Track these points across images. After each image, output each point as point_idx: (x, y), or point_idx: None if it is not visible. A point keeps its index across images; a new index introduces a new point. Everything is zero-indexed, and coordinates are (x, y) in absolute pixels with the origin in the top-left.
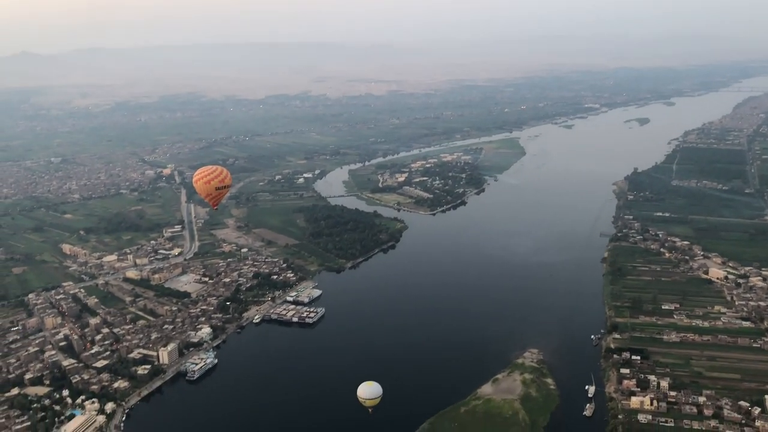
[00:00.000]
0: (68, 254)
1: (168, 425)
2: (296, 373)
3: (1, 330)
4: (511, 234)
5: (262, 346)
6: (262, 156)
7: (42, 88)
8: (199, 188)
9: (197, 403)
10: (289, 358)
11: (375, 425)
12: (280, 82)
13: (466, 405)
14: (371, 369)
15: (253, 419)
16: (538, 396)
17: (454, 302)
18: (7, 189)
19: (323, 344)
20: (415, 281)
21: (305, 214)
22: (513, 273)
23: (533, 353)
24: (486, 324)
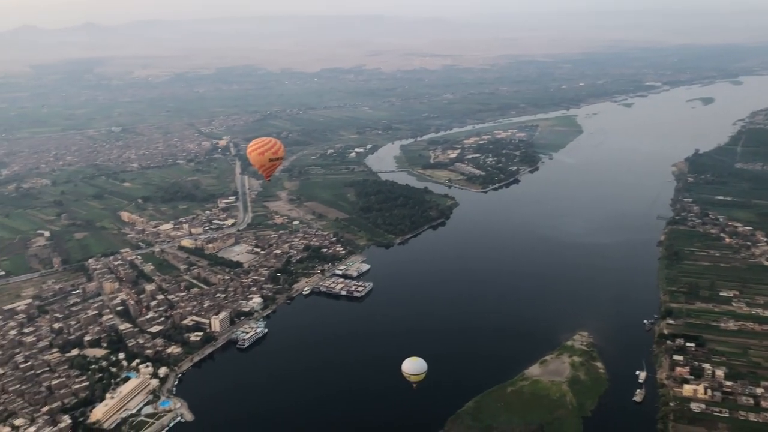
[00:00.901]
0: (127, 222)
1: (218, 391)
2: (343, 345)
3: (63, 293)
4: (564, 214)
5: (310, 318)
6: (315, 129)
7: (104, 59)
8: (252, 159)
9: (247, 370)
10: (336, 330)
11: (419, 401)
12: (335, 55)
13: (513, 385)
14: (417, 345)
15: (300, 388)
16: (586, 379)
17: (503, 281)
18: (71, 157)
19: (370, 318)
20: (464, 259)
21: (356, 188)
22: (565, 254)
23: (583, 336)
24: (535, 304)
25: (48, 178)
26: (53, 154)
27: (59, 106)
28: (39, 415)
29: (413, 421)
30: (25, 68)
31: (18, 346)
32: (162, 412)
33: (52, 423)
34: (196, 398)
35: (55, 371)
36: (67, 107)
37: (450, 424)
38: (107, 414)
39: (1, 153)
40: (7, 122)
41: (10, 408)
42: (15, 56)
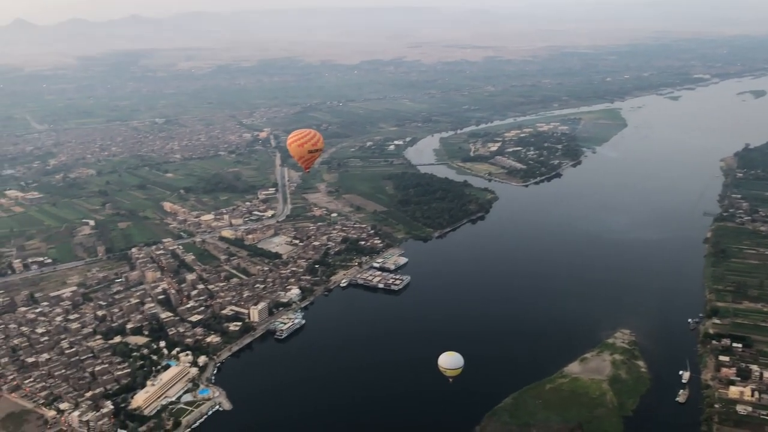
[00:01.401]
0: (169, 212)
1: (256, 381)
2: (380, 338)
3: (107, 281)
4: (607, 209)
5: (348, 310)
6: (354, 122)
7: (149, 51)
8: (292, 150)
9: (284, 361)
10: (373, 323)
11: (455, 396)
12: (375, 47)
13: (552, 382)
14: (454, 339)
15: (336, 380)
16: (628, 378)
17: (543, 277)
18: (115, 147)
19: (407, 312)
20: (503, 254)
21: (394, 181)
22: (607, 250)
23: (625, 334)
24: (576, 301)
25: (94, 168)
26: (99, 145)
27: (105, 98)
28: (83, 400)
29: (449, 416)
30: (72, 60)
31: (63, 332)
32: (201, 401)
33: (95, 408)
34: (235, 388)
35: (99, 357)
36: (112, 98)
37: (487, 421)
38: (148, 401)
39: (50, 143)
40: (55, 113)
41: (56, 392)
42: (63, 49)
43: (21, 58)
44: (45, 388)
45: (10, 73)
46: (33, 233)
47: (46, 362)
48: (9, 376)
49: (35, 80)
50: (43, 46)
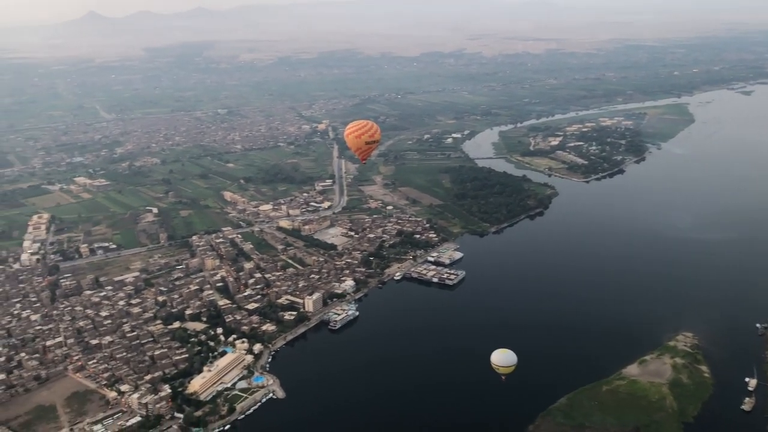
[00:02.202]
0: (229, 201)
1: (309, 370)
2: (433, 332)
3: (168, 267)
4: (672, 207)
5: (401, 303)
6: (412, 114)
7: (213, 43)
8: (349, 142)
9: (338, 351)
10: (427, 317)
11: (508, 393)
12: (435, 39)
13: (609, 384)
14: (507, 336)
15: (388, 372)
16: (689, 383)
17: (603, 275)
18: (179, 137)
19: (461, 307)
20: (562, 250)
21: (451, 174)
22: (671, 249)
23: (687, 337)
24: (636, 301)
25: (158, 157)
26: (163, 135)
27: (170, 88)
28: (142, 383)
29: (502, 415)
30: (139, 52)
31: (126, 316)
32: (255, 388)
33: (153, 391)
34: (288, 376)
35: (158, 342)
36: (177, 89)
37: (540, 420)
38: (204, 386)
39: (117, 132)
40: (122, 103)
41: (117, 374)
42: (130, 41)
43: (92, 49)
44: (107, 370)
45: (82, 64)
46: (99, 219)
47: (109, 345)
48: (74, 357)
49: (104, 71)
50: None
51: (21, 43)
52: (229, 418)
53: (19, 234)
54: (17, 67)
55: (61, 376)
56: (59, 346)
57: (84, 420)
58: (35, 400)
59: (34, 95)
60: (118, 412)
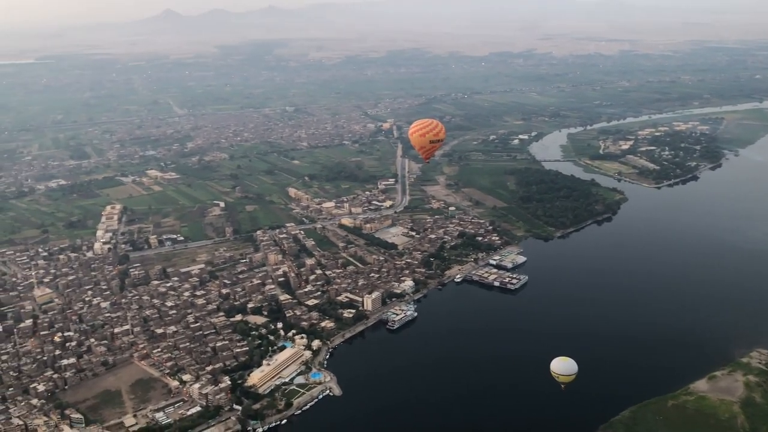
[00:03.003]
0: (293, 197)
1: (367, 369)
2: (492, 337)
3: (232, 261)
4: (748, 217)
5: (461, 306)
6: (478, 114)
7: (283, 41)
8: (413, 140)
9: (395, 351)
10: (486, 321)
11: (567, 403)
12: (505, 38)
13: (675, 399)
14: (569, 344)
15: (445, 376)
16: (763, 402)
17: (671, 286)
18: (247, 133)
19: (522, 312)
20: (630, 258)
21: (517, 176)
22: (747, 261)
23: (762, 354)
24: (706, 314)
25: (226, 153)
26: (232, 130)
27: (240, 85)
28: (203, 373)
29: (561, 425)
30: (212, 49)
31: (190, 307)
32: (312, 384)
33: (214, 382)
34: (345, 374)
35: (220, 334)
36: (247, 86)
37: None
38: (263, 379)
39: (188, 127)
40: (195, 99)
41: (180, 363)
42: (205, 38)
43: (167, 46)
44: (170, 359)
45: (158, 60)
46: (168, 211)
47: (173, 334)
48: (140, 345)
49: (179, 67)
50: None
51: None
52: (286, 413)
53: (93, 223)
54: (97, 62)
55: (127, 362)
56: (126, 334)
57: (147, 407)
58: (102, 384)
59: (112, 90)
60: (179, 400)
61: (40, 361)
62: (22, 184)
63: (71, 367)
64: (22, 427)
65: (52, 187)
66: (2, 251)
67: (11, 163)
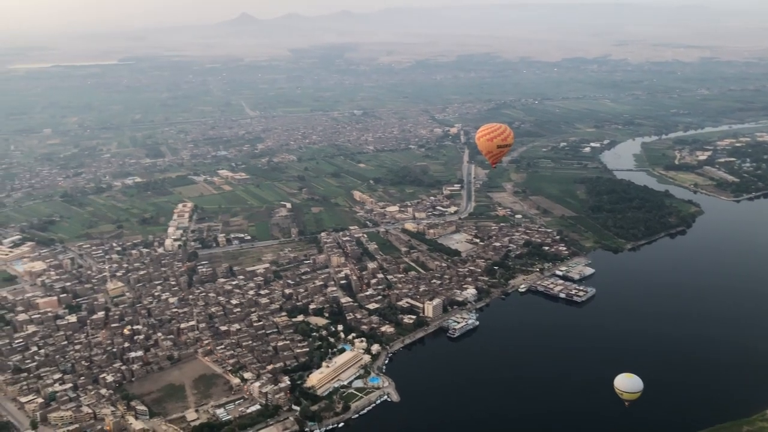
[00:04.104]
0: (358, 200)
1: (426, 376)
2: (555, 349)
3: (296, 261)
4: None
5: (524, 317)
6: (549, 121)
7: (354, 45)
8: (480, 145)
9: (455, 360)
10: (550, 333)
11: (632, 421)
12: (578, 44)
13: (750, 425)
14: (635, 360)
15: (505, 387)
16: None
17: (747, 305)
18: (315, 136)
19: (588, 326)
20: (704, 273)
21: (587, 185)
22: None
23: None
24: None
25: (295, 155)
26: (301, 133)
27: (311, 88)
28: (264, 372)
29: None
30: (285, 52)
31: (254, 306)
32: (371, 388)
33: (274, 381)
34: (404, 380)
35: (282, 333)
36: (317, 89)
37: None
38: (322, 381)
39: (259, 129)
40: (267, 101)
41: (242, 361)
42: (278, 42)
43: (243, 49)
44: (233, 356)
45: (233, 62)
46: (237, 211)
47: (237, 332)
48: (205, 341)
49: (252, 70)
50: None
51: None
52: (344, 416)
53: (165, 220)
54: (175, 64)
55: (192, 358)
56: (192, 330)
57: (209, 402)
58: (167, 378)
59: (188, 91)
60: (240, 398)
61: (109, 352)
62: (101, 181)
63: (138, 360)
64: (91, 415)
65: (128, 184)
66: (80, 244)
67: (92, 160)
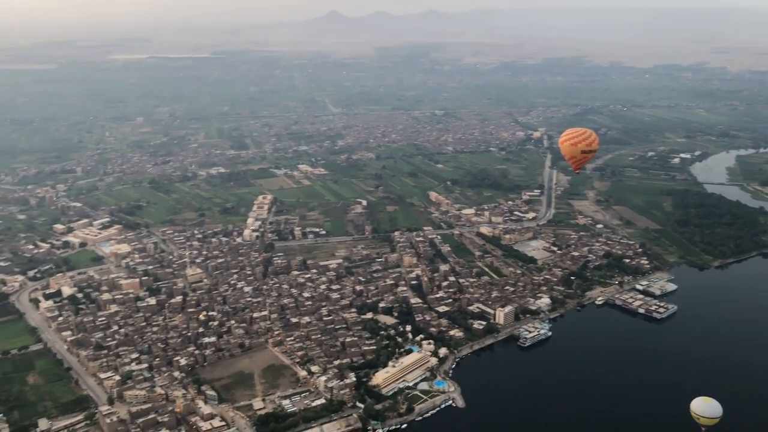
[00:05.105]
0: (433, 201)
1: (493, 384)
2: (630, 366)
3: (368, 259)
4: None
5: (600, 331)
6: (637, 129)
7: (440, 45)
8: (564, 149)
9: (525, 370)
10: (626, 350)
11: None
12: (673, 51)
13: None
14: (715, 385)
15: (575, 403)
16: None
17: None
18: (395, 135)
19: (667, 344)
20: None
21: (674, 198)
22: None
23: None
24: None
25: (374, 152)
26: (381, 131)
27: (393, 87)
28: (331, 367)
29: None
30: (371, 51)
31: (325, 300)
32: (436, 392)
33: (340, 377)
34: (470, 386)
35: (351, 330)
36: (399, 88)
37: None
38: (387, 381)
39: (340, 126)
40: (350, 99)
41: (310, 354)
42: (365, 40)
43: (329, 46)
44: (302, 349)
45: (319, 59)
46: (314, 205)
47: (307, 325)
48: (275, 332)
49: (338, 67)
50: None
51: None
52: (407, 418)
53: (245, 211)
54: (265, 59)
55: (262, 347)
56: (264, 319)
57: (275, 393)
58: (237, 366)
59: (275, 85)
60: (305, 390)
61: (184, 336)
62: (187, 169)
63: (211, 346)
64: (163, 396)
65: (213, 174)
66: (163, 230)
67: (179, 149)
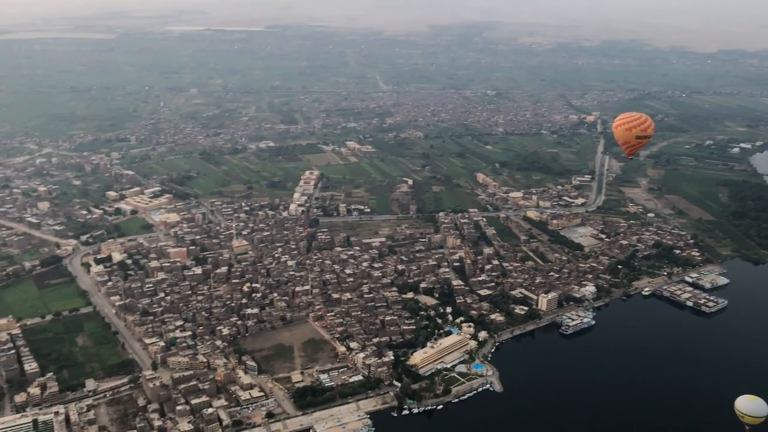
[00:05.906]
0: (480, 183)
1: (532, 371)
2: (674, 361)
3: (412, 239)
4: None
5: (645, 322)
6: (695, 116)
7: (495, 24)
8: (618, 134)
9: (565, 358)
10: (671, 343)
11: None
12: (739, 36)
13: None
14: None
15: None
16: None
17: None
18: (445, 114)
19: (715, 339)
20: None
21: (731, 188)
22: None
23: None
24: None
25: (422, 131)
26: (431, 110)
27: (446, 65)
28: (369, 344)
29: None
30: (424, 28)
31: (366, 278)
32: (474, 375)
33: (378, 354)
34: (509, 371)
35: (391, 309)
36: (452, 67)
37: None
38: (425, 361)
39: (390, 103)
40: (401, 76)
41: (350, 330)
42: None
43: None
44: (341, 325)
45: (371, 35)
46: (360, 183)
47: (347, 301)
48: (317, 306)
49: (390, 44)
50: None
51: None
52: (443, 399)
53: (291, 185)
54: (317, 34)
55: (303, 321)
56: (306, 294)
57: (314, 366)
58: (278, 338)
59: (326, 61)
60: (343, 366)
61: (228, 306)
62: (237, 142)
63: (253, 317)
64: (205, 364)
65: (262, 147)
66: (212, 201)
67: (231, 122)
